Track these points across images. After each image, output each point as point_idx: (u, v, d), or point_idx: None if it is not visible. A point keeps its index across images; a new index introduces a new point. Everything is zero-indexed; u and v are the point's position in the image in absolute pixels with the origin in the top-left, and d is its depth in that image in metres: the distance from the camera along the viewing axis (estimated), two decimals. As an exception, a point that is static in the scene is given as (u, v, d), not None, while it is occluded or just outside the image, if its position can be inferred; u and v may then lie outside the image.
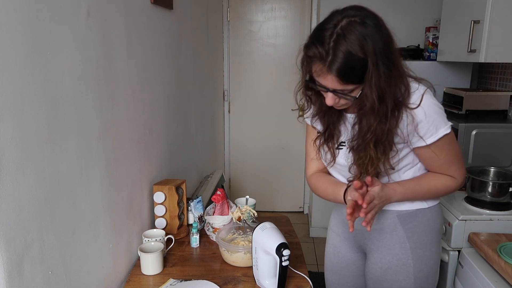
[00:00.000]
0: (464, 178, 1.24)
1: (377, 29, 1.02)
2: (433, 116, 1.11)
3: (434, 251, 1.27)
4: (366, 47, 0.99)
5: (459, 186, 1.23)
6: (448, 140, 1.16)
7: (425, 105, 1.10)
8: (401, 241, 1.25)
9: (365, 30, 1.00)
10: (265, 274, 1.30)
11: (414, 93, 1.11)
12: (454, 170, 1.20)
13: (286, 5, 3.48)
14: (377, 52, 1.00)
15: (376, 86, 1.02)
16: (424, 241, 1.25)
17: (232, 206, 1.71)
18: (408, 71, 1.14)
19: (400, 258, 1.25)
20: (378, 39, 1.00)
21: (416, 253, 1.24)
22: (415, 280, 1.25)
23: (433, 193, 1.23)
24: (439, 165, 1.20)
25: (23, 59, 0.84)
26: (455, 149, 1.20)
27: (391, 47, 1.05)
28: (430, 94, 1.13)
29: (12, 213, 0.82)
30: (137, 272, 1.43)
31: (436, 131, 1.12)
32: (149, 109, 1.62)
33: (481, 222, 1.59)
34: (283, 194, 3.86)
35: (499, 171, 1.79)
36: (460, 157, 1.22)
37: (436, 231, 1.27)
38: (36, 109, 0.89)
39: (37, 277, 0.91)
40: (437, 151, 1.16)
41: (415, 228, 1.25)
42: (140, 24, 1.52)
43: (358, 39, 0.99)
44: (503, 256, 1.36)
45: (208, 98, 2.90)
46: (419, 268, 1.25)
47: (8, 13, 0.79)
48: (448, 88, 2.43)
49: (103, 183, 1.23)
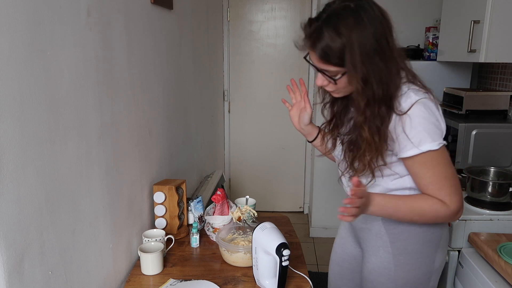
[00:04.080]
0: (459, 207, 1.11)
1: (369, 18, 1.02)
2: (418, 129, 1.06)
3: (423, 262, 1.22)
4: (350, 32, 1.00)
5: (452, 214, 1.12)
6: (435, 159, 1.08)
7: (413, 114, 1.06)
8: (384, 245, 1.25)
9: (354, 16, 1.02)
10: (265, 274, 1.30)
11: (407, 99, 1.07)
12: (444, 194, 1.10)
13: (286, 5, 3.48)
14: (360, 39, 1.01)
15: (359, 70, 1.03)
16: (408, 250, 1.22)
17: (232, 206, 1.71)
18: (414, 79, 1.13)
19: (382, 261, 1.25)
20: (366, 28, 1.01)
21: (398, 260, 1.23)
22: (396, 286, 1.24)
23: (418, 214, 1.13)
24: (426, 184, 1.12)
25: (23, 59, 0.84)
26: (446, 171, 1.10)
27: (380, 39, 1.04)
28: (425, 106, 1.07)
29: (12, 213, 0.82)
30: (137, 272, 1.43)
31: (419, 145, 1.06)
32: (149, 109, 1.62)
33: (481, 222, 1.59)
34: (283, 194, 3.86)
35: (499, 171, 1.79)
36: (453, 182, 1.11)
37: (424, 242, 1.21)
38: (36, 109, 0.89)
39: (37, 277, 0.91)
40: (422, 169, 1.10)
41: (398, 235, 1.23)
42: (140, 24, 1.52)
43: (344, 23, 1.01)
44: (503, 256, 1.36)
45: (208, 98, 2.90)
46: (401, 275, 1.23)
47: (8, 13, 0.79)
48: (448, 88, 2.43)
49: (103, 183, 1.23)
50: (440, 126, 1.09)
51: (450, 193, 1.10)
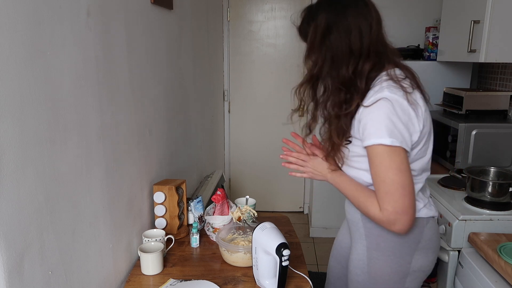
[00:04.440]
0: (390, 216, 1.07)
1: (347, 7, 1.11)
2: (376, 122, 1.07)
3: (394, 261, 1.21)
4: (321, 13, 1.12)
5: (382, 222, 1.10)
6: (380, 157, 1.08)
7: (374, 108, 1.08)
8: (361, 238, 1.28)
9: (334, 4, 1.12)
10: (265, 274, 1.30)
11: (378, 89, 1.10)
12: (379, 198, 1.09)
13: (286, 5, 3.48)
14: (327, 22, 1.11)
15: (316, 49, 1.13)
16: (381, 246, 1.22)
17: (232, 206, 1.71)
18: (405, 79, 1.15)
19: (359, 253, 1.28)
20: (339, 15, 1.10)
21: (371, 254, 1.24)
22: (370, 279, 1.25)
23: (357, 203, 1.19)
24: (372, 180, 1.12)
25: (23, 59, 0.84)
26: (386, 175, 1.07)
27: (343, 29, 1.10)
28: (393, 104, 1.06)
29: (12, 213, 0.82)
30: (137, 272, 1.43)
31: (372, 137, 1.07)
32: (149, 109, 1.62)
33: (481, 222, 1.59)
34: (283, 194, 3.86)
35: (499, 171, 1.79)
36: (392, 189, 1.06)
37: (398, 240, 1.20)
38: (36, 109, 0.89)
39: (37, 277, 0.91)
40: (370, 163, 1.11)
41: (372, 229, 1.23)
42: (140, 24, 1.52)
43: (322, 7, 1.13)
44: (503, 256, 1.36)
45: (208, 98, 2.90)
46: (373, 269, 1.24)
47: (8, 13, 0.79)
48: (448, 88, 2.43)
49: (103, 183, 1.23)
50: (402, 129, 1.07)
51: (383, 199, 1.08)
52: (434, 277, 1.72)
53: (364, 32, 1.10)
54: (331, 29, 1.10)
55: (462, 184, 1.84)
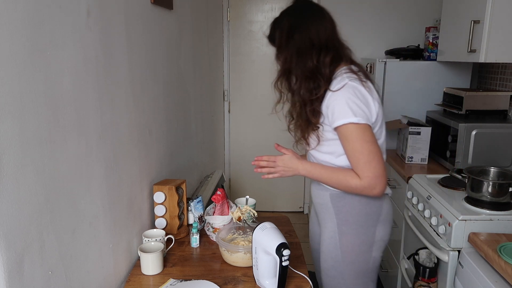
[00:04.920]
0: (371, 182, 1.28)
1: (305, 14, 1.35)
2: (343, 104, 1.27)
3: (362, 232, 1.41)
4: (284, 19, 1.38)
5: (363, 188, 1.30)
6: (354, 134, 1.28)
7: (341, 93, 1.28)
8: (331, 217, 1.44)
9: (294, 12, 1.39)
10: (265, 274, 1.30)
11: (341, 81, 1.29)
12: (360, 168, 1.29)
13: (286, 5, 3.46)
14: (289, 25, 1.35)
15: (283, 49, 1.36)
16: (349, 221, 1.41)
17: (232, 206, 1.71)
18: (359, 72, 1.34)
19: (330, 231, 1.44)
20: (298, 20, 1.34)
21: (341, 229, 1.42)
22: (342, 253, 1.42)
23: (336, 182, 1.36)
24: (348, 157, 1.33)
25: (23, 59, 0.84)
26: (363, 146, 1.28)
27: (304, 29, 1.32)
28: (354, 88, 1.28)
29: (12, 213, 0.82)
30: (137, 272, 1.43)
31: (343, 118, 1.27)
32: (149, 109, 1.62)
33: (481, 222, 1.59)
34: (283, 194, 3.86)
35: (499, 171, 1.78)
36: (369, 158, 1.28)
37: (363, 214, 1.40)
38: (36, 109, 0.89)
39: (37, 277, 0.91)
40: (344, 141, 1.31)
41: (341, 208, 1.41)
42: (140, 24, 1.52)
43: (284, 15, 1.40)
44: (503, 256, 1.36)
45: (208, 98, 2.90)
46: (344, 242, 1.41)
47: (8, 13, 0.79)
48: (448, 88, 2.43)
49: (103, 183, 1.23)
50: (364, 109, 1.28)
51: (365, 168, 1.29)
52: (434, 277, 1.72)
53: (320, 30, 1.32)
54: (294, 30, 1.33)
55: (462, 184, 1.84)
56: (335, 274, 1.44)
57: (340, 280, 1.44)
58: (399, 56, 2.80)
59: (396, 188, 2.37)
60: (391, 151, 2.61)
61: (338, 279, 1.44)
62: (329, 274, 1.46)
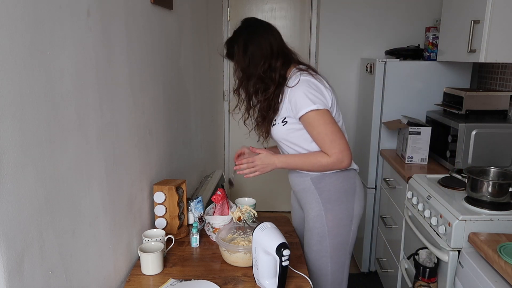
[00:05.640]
0: (339, 156, 1.48)
1: (254, 30, 1.57)
2: (302, 96, 1.47)
3: (344, 208, 1.60)
4: (238, 38, 1.58)
5: (333, 163, 1.50)
6: (317, 119, 1.47)
7: (298, 87, 1.49)
8: (315, 198, 1.61)
9: (245, 30, 1.59)
10: (265, 274, 1.30)
11: (294, 77, 1.51)
12: (326, 147, 1.49)
13: (286, 5, 3.48)
14: (244, 42, 1.55)
15: (241, 59, 1.57)
16: (332, 198, 1.59)
17: (232, 206, 1.71)
18: (308, 69, 1.56)
19: (315, 210, 1.60)
20: (249, 35, 1.56)
21: (326, 207, 1.59)
22: (328, 228, 1.59)
23: (309, 165, 1.55)
24: (315, 140, 1.52)
25: (23, 59, 0.84)
26: (326, 128, 1.48)
27: (261, 41, 1.54)
28: (308, 82, 1.50)
29: (12, 213, 0.82)
30: (137, 272, 1.43)
31: (304, 107, 1.46)
32: (149, 109, 1.62)
33: (481, 222, 1.59)
34: (283, 194, 3.86)
35: (499, 171, 1.78)
36: (333, 137, 1.48)
37: (343, 191, 1.60)
38: (36, 109, 0.89)
39: (37, 277, 0.91)
40: (309, 128, 1.50)
41: (323, 188, 1.59)
42: (140, 24, 1.52)
43: (237, 35, 1.60)
44: (503, 256, 1.36)
45: (208, 98, 2.90)
46: (330, 218, 1.59)
47: (8, 13, 0.79)
48: (448, 88, 2.43)
49: (103, 183, 1.23)
50: (317, 95, 1.48)
51: (331, 146, 1.48)
52: (434, 277, 1.72)
53: (271, 41, 1.55)
54: (248, 44, 1.54)
55: (462, 184, 1.84)
56: (320, 248, 1.61)
57: (324, 253, 1.61)
58: (399, 56, 2.80)
59: (396, 188, 2.37)
60: (391, 151, 2.61)
61: (322, 252, 1.61)
62: (314, 248, 1.62)
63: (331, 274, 1.64)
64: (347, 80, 3.30)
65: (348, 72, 3.28)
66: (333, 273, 1.64)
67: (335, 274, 1.65)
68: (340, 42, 3.27)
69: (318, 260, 1.63)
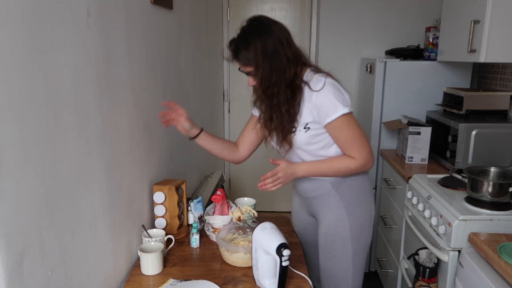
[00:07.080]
0: (366, 159, 1.46)
1: (267, 30, 1.39)
2: (332, 100, 1.39)
3: (365, 209, 1.58)
4: (255, 40, 1.38)
5: (361, 166, 1.47)
6: (346, 122, 1.42)
7: (326, 90, 1.39)
8: (336, 202, 1.56)
9: (257, 30, 1.41)
10: (265, 274, 1.30)
11: (318, 80, 1.41)
12: (354, 151, 1.45)
13: (286, 5, 3.48)
14: (262, 45, 1.37)
15: (260, 66, 1.38)
16: (354, 201, 1.56)
17: (232, 206, 1.71)
18: (317, 70, 1.46)
19: (337, 215, 1.55)
20: (265, 36, 1.37)
21: (349, 210, 1.55)
22: (351, 232, 1.55)
23: (336, 170, 1.50)
24: (341, 144, 1.47)
25: (23, 59, 0.84)
26: (355, 131, 1.44)
27: (276, 43, 1.38)
28: (332, 84, 1.42)
29: (12, 213, 0.82)
30: (137, 272, 1.43)
31: (335, 112, 1.39)
32: (149, 109, 1.62)
33: (481, 222, 1.59)
34: (283, 194, 3.85)
35: (499, 171, 1.78)
36: (361, 140, 1.45)
37: (363, 193, 1.58)
38: (36, 109, 0.89)
39: (37, 277, 0.91)
40: (338, 131, 1.44)
41: (345, 191, 1.55)
42: (140, 24, 1.52)
43: (250, 35, 1.40)
44: (503, 256, 1.36)
45: (208, 98, 2.90)
46: (352, 221, 1.55)
47: (8, 13, 0.79)
48: (448, 88, 2.43)
49: (103, 183, 1.23)
50: (345, 98, 1.43)
51: (358, 149, 1.45)
52: (434, 277, 1.72)
53: (289, 41, 1.41)
54: (267, 47, 1.37)
55: (462, 184, 1.84)
56: (342, 253, 1.57)
57: (347, 258, 1.57)
58: (399, 56, 2.80)
59: (396, 188, 2.37)
60: (391, 151, 2.61)
61: (344, 257, 1.57)
62: (334, 254, 1.58)
63: (352, 277, 1.61)
64: (347, 80, 3.29)
65: (348, 72, 3.28)
66: (354, 276, 1.61)
67: (356, 276, 1.62)
68: (340, 42, 3.27)
69: (340, 265, 1.59)
